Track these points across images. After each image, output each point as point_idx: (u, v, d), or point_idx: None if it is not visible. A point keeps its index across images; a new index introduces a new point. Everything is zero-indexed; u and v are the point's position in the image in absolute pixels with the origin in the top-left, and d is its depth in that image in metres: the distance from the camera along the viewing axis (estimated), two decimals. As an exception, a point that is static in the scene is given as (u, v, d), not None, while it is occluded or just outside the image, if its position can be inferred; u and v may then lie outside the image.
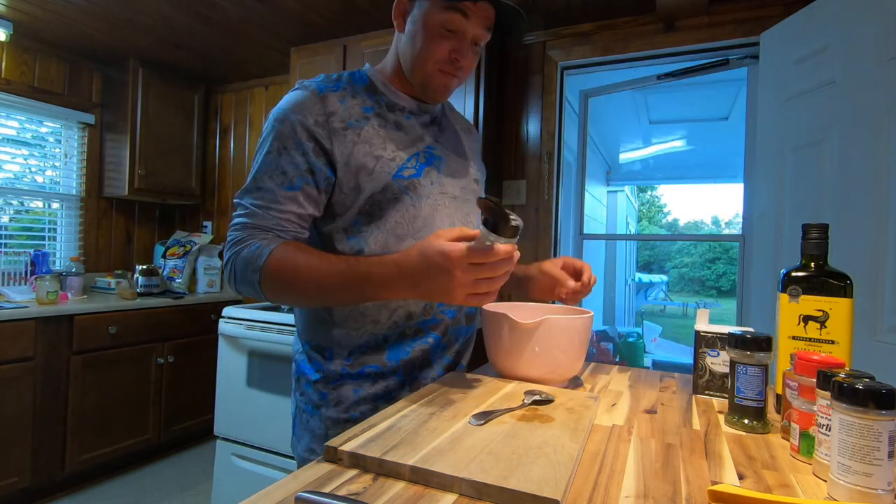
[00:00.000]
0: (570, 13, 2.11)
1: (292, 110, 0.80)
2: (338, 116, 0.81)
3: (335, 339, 0.86)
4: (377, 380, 0.85)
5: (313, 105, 0.80)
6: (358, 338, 0.85)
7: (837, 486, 0.48)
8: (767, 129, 1.80)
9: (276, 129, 0.80)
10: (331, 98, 0.81)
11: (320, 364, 0.87)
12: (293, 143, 0.79)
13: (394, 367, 0.85)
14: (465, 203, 0.94)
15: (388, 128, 0.85)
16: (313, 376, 0.87)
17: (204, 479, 2.42)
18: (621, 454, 0.57)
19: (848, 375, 0.50)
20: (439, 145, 0.92)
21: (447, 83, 0.85)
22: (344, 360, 0.85)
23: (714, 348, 0.82)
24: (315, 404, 0.87)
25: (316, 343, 0.88)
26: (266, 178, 0.78)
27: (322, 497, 0.43)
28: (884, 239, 1.36)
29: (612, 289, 7.06)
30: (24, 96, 2.53)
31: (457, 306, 0.90)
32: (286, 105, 0.81)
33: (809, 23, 1.63)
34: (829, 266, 0.70)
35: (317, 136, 0.79)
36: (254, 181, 0.79)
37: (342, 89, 0.84)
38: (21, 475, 2.06)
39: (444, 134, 0.95)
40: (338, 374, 0.85)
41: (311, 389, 0.87)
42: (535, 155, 2.29)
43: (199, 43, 2.55)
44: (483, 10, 0.81)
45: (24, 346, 2.06)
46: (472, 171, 0.98)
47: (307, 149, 0.79)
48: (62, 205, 2.78)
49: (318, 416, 0.86)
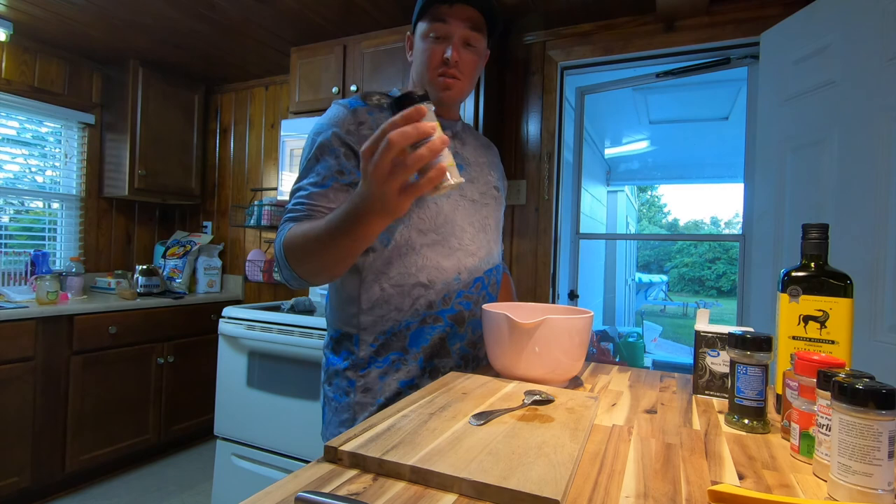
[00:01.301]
0: (570, 13, 2.11)
1: (329, 124, 0.91)
2: (367, 125, 0.91)
3: (362, 324, 0.94)
4: (400, 366, 0.93)
5: (346, 117, 0.91)
6: (383, 324, 0.93)
7: (837, 486, 0.48)
8: (767, 129, 1.80)
9: (315, 141, 0.92)
10: (361, 111, 0.92)
11: (348, 353, 0.95)
12: (328, 151, 0.90)
13: (415, 354, 0.93)
14: (484, 207, 1.03)
15: None
16: (342, 365, 0.95)
17: (204, 479, 2.42)
18: (621, 454, 0.57)
19: (848, 375, 0.50)
20: (460, 154, 1.01)
21: (447, 83, 0.94)
22: (370, 346, 0.93)
23: (714, 348, 0.82)
24: (344, 391, 0.94)
25: (345, 330, 0.96)
26: (304, 181, 0.90)
27: (322, 497, 0.43)
28: (884, 239, 1.36)
29: (612, 289, 7.06)
30: (24, 96, 2.53)
31: (472, 299, 0.97)
32: (325, 120, 0.93)
33: (809, 23, 1.63)
34: (829, 266, 0.70)
35: (348, 142, 0.89)
36: (295, 186, 0.91)
37: (372, 105, 0.95)
38: (21, 475, 2.06)
39: (465, 147, 1.05)
40: (365, 361, 0.93)
41: (340, 378, 0.95)
42: (535, 155, 2.29)
43: (199, 43, 2.55)
44: (461, 12, 0.91)
45: (24, 346, 2.06)
46: (491, 179, 1.07)
47: (339, 153, 0.89)
48: (62, 205, 2.78)
49: (347, 403, 0.94)
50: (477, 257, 0.99)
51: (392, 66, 2.15)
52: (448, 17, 0.90)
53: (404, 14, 2.15)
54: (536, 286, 2.26)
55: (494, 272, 1.04)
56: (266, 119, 3.04)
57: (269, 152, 3.02)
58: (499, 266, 1.07)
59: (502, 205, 1.11)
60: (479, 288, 0.99)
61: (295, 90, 2.40)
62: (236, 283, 3.07)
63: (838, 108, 1.51)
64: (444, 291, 0.94)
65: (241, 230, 3.09)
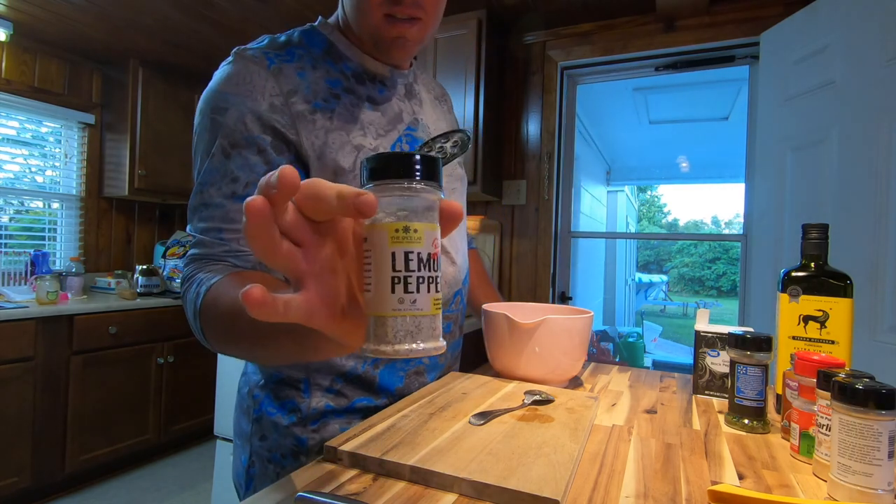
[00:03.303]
0: (570, 13, 2.11)
1: (235, 93, 0.59)
2: (300, 96, 0.61)
3: (312, 366, 0.68)
4: (368, 414, 0.70)
5: (264, 83, 0.59)
6: (341, 363, 0.68)
7: (837, 486, 0.48)
8: (767, 129, 1.80)
9: (215, 122, 0.59)
10: (286, 71, 0.62)
11: (295, 403, 0.68)
12: (243, 139, 0.58)
13: (389, 398, 0.72)
14: (452, 193, 0.82)
15: (362, 106, 0.67)
16: (285, 420, 0.68)
17: (204, 479, 2.41)
18: (621, 454, 0.57)
19: (848, 375, 0.50)
20: (419, 122, 0.75)
21: (401, 32, 0.65)
22: (325, 392, 0.68)
23: (714, 348, 0.82)
24: (292, 452, 0.68)
25: (285, 375, 0.69)
26: (212, 189, 0.59)
27: (322, 497, 0.43)
28: (884, 239, 1.36)
29: (612, 289, 7.06)
30: (24, 96, 2.53)
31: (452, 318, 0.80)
32: (225, 86, 0.59)
33: (809, 23, 1.63)
34: (829, 266, 0.70)
35: (276, 126, 0.60)
36: (198, 196, 0.60)
37: (298, 58, 0.64)
38: (21, 475, 2.06)
39: (423, 107, 0.78)
40: (320, 412, 0.68)
41: (282, 436, 0.68)
42: (535, 155, 2.29)
43: (199, 43, 2.55)
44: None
45: (24, 346, 2.06)
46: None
47: (264, 144, 0.59)
48: (62, 205, 2.78)
49: (297, 467, 0.67)
50: (455, 265, 0.80)
51: (392, 66, 2.14)
52: None
53: (404, 14, 2.14)
54: (536, 286, 2.26)
55: (467, 274, 0.87)
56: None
57: (269, 152, 3.01)
58: (467, 273, 0.87)
59: (465, 183, 0.88)
60: (459, 302, 0.82)
61: (295, 90, 2.39)
62: (236, 283, 3.07)
63: (838, 108, 1.51)
64: None
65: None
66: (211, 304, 0.49)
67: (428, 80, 0.86)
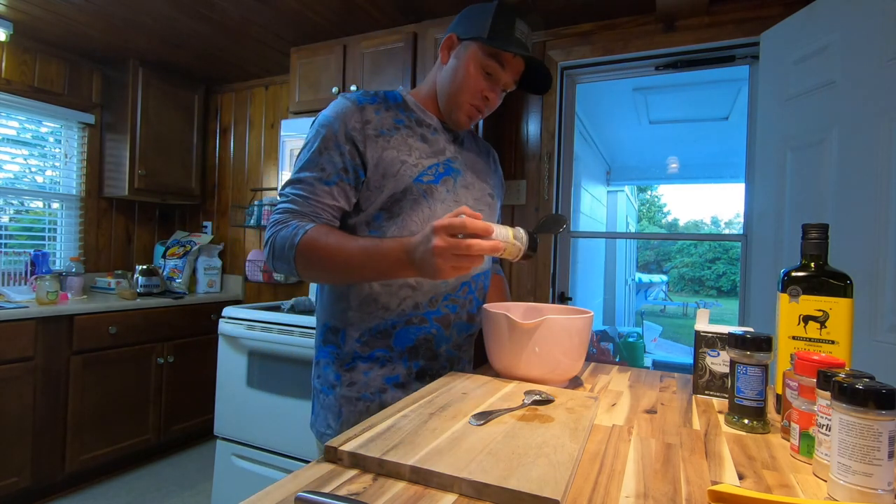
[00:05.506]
0: (570, 13, 2.11)
1: (336, 117, 0.92)
2: (372, 125, 0.93)
3: (350, 320, 0.96)
4: (385, 363, 0.95)
5: (353, 114, 0.92)
6: (369, 321, 0.95)
7: (837, 486, 0.48)
8: (767, 129, 1.80)
9: (320, 133, 0.92)
10: (368, 109, 0.93)
11: (335, 347, 0.97)
12: (333, 145, 0.91)
13: (400, 353, 0.96)
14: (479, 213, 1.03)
15: (415, 138, 0.97)
16: (328, 359, 0.98)
17: (204, 479, 2.42)
18: (621, 454, 0.57)
19: (848, 375, 0.50)
20: (459, 160, 1.02)
21: (472, 115, 0.98)
22: (355, 341, 0.95)
23: (714, 348, 0.82)
24: (331, 384, 0.97)
25: (332, 324, 0.98)
26: (308, 172, 0.91)
27: (322, 497, 0.43)
28: (884, 239, 1.36)
29: (611, 289, 7.06)
30: (24, 96, 2.53)
31: (459, 302, 0.99)
32: (331, 113, 0.94)
33: (809, 23, 1.63)
34: (829, 266, 0.70)
35: (354, 140, 0.91)
36: (297, 174, 0.92)
37: (378, 103, 0.96)
38: (21, 475, 2.06)
39: (465, 152, 1.06)
40: (350, 356, 0.96)
41: (328, 371, 0.98)
42: (535, 155, 2.29)
43: (199, 43, 2.55)
44: (518, 65, 0.96)
45: (23, 346, 2.06)
46: (486, 186, 1.08)
47: (344, 150, 0.91)
48: (62, 205, 2.78)
49: (334, 396, 0.96)
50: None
51: (392, 66, 2.14)
52: (507, 64, 0.94)
53: (404, 14, 2.15)
54: (536, 286, 2.26)
55: (483, 277, 1.05)
56: (266, 119, 3.04)
57: (269, 152, 3.02)
58: (487, 272, 1.08)
59: (497, 211, 1.13)
60: (466, 292, 1.00)
61: (295, 90, 2.40)
62: (236, 283, 3.07)
63: (838, 108, 1.51)
64: (430, 293, 0.95)
65: (240, 230, 3.09)
66: (310, 241, 0.83)
67: (476, 138, 1.15)
